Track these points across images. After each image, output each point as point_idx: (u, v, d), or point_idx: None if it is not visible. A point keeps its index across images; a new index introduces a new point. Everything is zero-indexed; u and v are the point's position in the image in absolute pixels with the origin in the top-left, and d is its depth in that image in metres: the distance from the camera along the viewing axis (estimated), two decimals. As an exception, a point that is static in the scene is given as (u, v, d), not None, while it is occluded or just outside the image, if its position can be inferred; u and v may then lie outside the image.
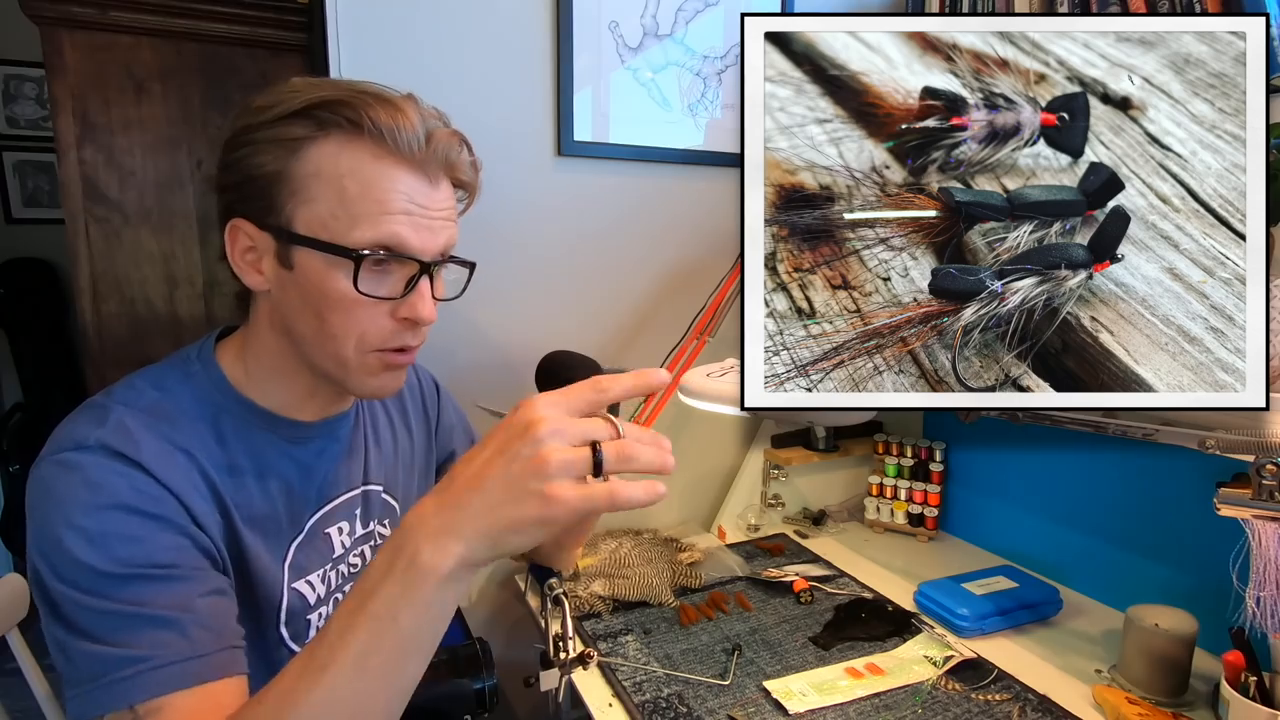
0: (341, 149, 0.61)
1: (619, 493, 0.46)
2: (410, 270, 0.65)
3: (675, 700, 0.93)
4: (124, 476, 0.59)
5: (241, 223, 0.64)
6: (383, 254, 0.62)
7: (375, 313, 0.65)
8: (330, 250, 0.61)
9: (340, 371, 0.67)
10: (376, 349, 0.66)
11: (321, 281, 0.63)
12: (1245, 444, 0.75)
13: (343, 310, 0.63)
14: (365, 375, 0.67)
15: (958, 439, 1.46)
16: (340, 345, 0.65)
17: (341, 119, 0.61)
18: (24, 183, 2.89)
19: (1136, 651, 0.95)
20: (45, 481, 0.59)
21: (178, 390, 0.67)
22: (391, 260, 0.63)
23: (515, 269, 1.27)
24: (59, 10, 1.35)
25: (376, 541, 0.83)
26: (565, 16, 1.20)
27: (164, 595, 0.58)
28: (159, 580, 0.58)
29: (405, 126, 0.62)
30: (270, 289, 0.66)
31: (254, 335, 0.70)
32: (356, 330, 0.64)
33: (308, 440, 0.74)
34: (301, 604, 0.73)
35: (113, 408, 0.63)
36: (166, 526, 0.60)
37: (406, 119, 0.62)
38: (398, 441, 0.88)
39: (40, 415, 2.74)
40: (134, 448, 0.60)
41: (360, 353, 0.66)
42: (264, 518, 0.69)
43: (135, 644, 0.56)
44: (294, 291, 0.65)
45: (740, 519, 1.49)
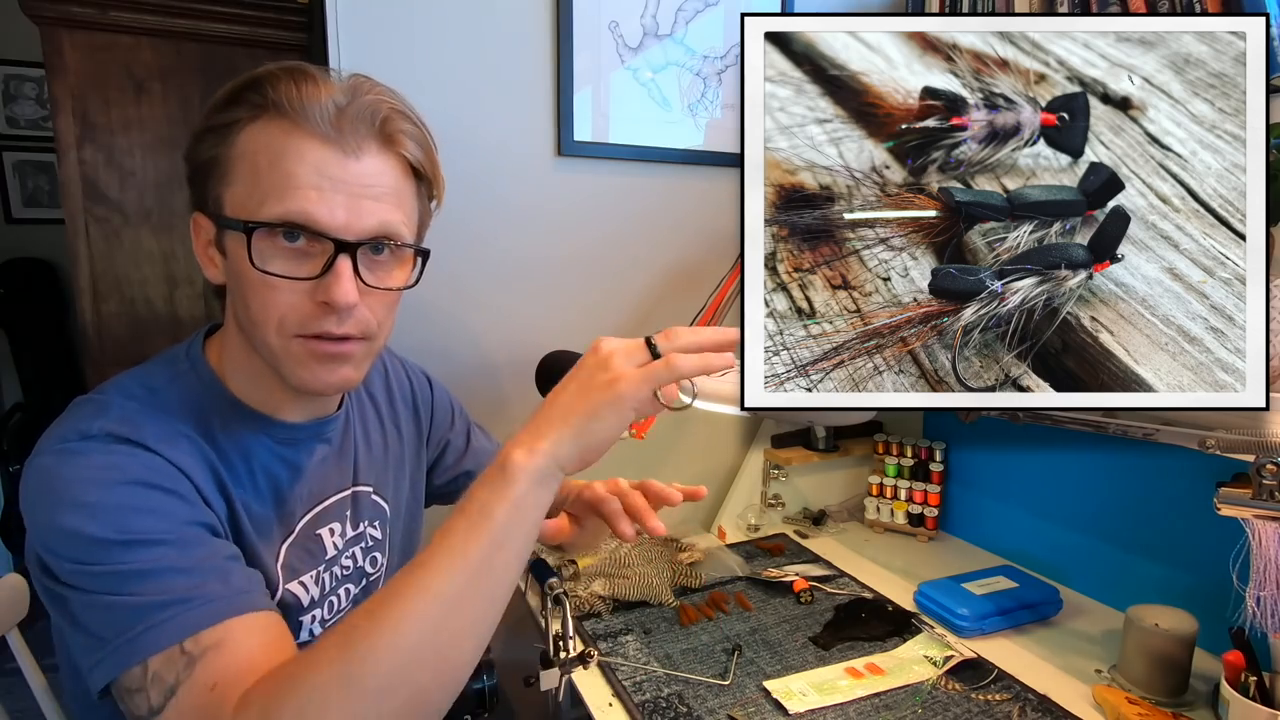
0: (261, 128, 0.61)
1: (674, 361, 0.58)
2: (324, 249, 0.61)
3: (675, 700, 0.93)
4: (134, 456, 0.58)
5: (198, 215, 0.65)
6: (282, 228, 0.59)
7: (290, 295, 0.61)
8: (234, 226, 0.60)
9: (272, 360, 0.64)
10: (297, 334, 0.63)
11: (240, 262, 0.61)
12: (1245, 444, 0.75)
13: (258, 293, 0.61)
14: (294, 365, 0.64)
15: (958, 439, 1.46)
16: (263, 330, 0.62)
17: (260, 98, 0.60)
18: (24, 183, 2.89)
19: (1136, 651, 0.95)
20: (47, 470, 0.58)
21: (167, 390, 0.66)
22: (310, 239, 0.60)
23: (515, 269, 1.27)
24: (59, 10, 1.35)
25: (368, 543, 0.82)
26: (565, 16, 1.20)
27: (189, 553, 0.56)
28: (180, 544, 0.56)
29: (312, 97, 0.60)
30: (225, 280, 0.66)
31: (226, 330, 0.70)
32: (275, 314, 0.62)
33: (296, 441, 0.73)
34: (295, 605, 0.72)
35: (111, 401, 0.63)
36: (181, 500, 0.59)
37: (315, 91, 0.60)
38: (388, 442, 0.87)
39: (40, 415, 2.74)
40: (139, 432, 0.59)
41: (282, 338, 0.62)
42: (259, 517, 0.69)
43: (171, 589, 0.54)
44: (230, 278, 0.64)
45: (740, 519, 1.49)
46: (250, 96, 0.61)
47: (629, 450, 1.12)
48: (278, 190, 0.59)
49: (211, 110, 0.63)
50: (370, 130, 0.62)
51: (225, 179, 0.62)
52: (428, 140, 0.68)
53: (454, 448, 1.00)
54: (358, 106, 0.61)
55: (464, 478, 1.02)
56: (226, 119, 0.62)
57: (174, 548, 0.56)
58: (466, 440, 1.02)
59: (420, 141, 0.66)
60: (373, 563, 0.83)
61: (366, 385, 0.87)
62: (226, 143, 0.61)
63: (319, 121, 0.60)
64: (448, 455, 0.99)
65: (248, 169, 0.61)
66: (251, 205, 0.60)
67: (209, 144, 0.62)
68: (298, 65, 0.63)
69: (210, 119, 0.63)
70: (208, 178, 0.63)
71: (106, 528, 0.55)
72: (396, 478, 0.88)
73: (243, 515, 0.66)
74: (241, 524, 0.66)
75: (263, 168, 0.60)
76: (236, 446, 0.68)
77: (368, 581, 0.83)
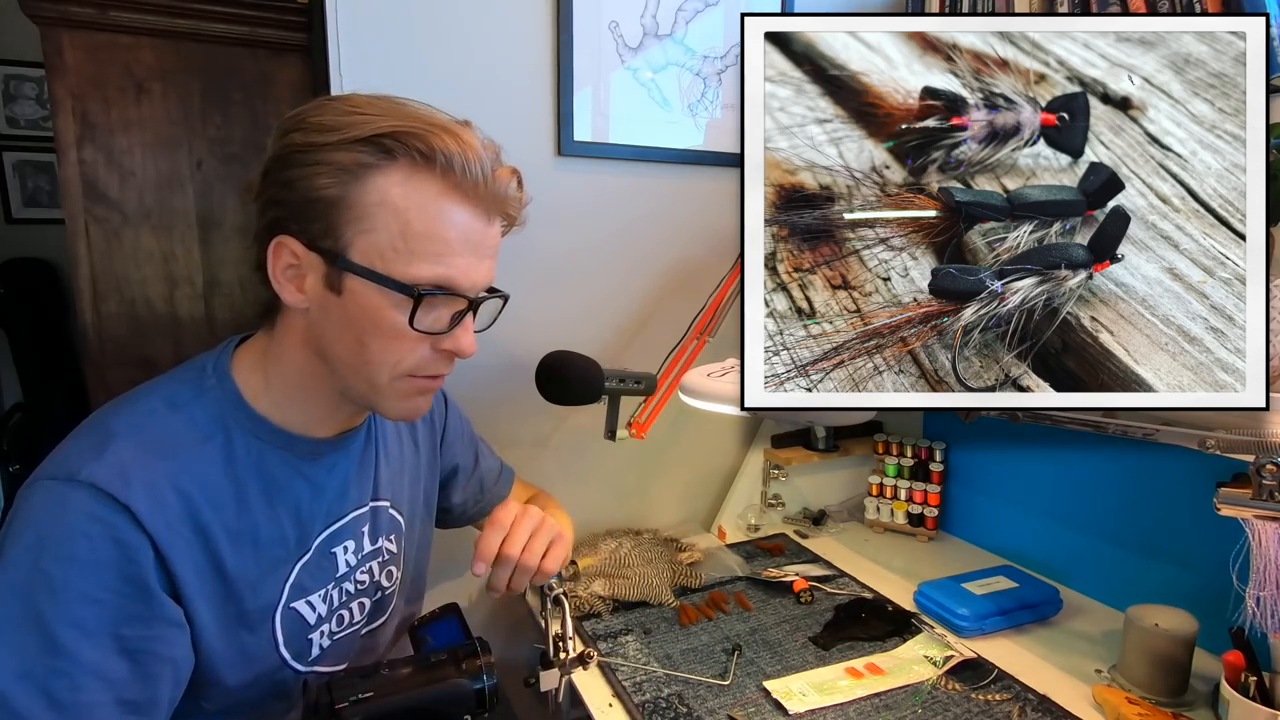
0: (407, 179, 0.61)
1: None
2: (457, 305, 0.65)
3: (675, 700, 0.93)
4: (105, 525, 0.58)
5: (289, 240, 0.63)
6: (439, 293, 0.63)
7: (419, 345, 0.65)
8: (389, 284, 0.61)
9: (371, 395, 0.67)
10: (410, 374, 0.66)
11: (374, 311, 0.62)
12: (1245, 444, 0.75)
13: (389, 340, 0.64)
14: (397, 399, 0.67)
15: (958, 439, 1.46)
16: (376, 371, 0.65)
17: (410, 149, 0.60)
18: (24, 183, 2.89)
19: (1136, 651, 0.95)
20: (31, 505, 0.58)
21: (191, 408, 0.66)
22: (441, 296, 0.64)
23: (515, 269, 1.26)
24: (59, 10, 1.35)
25: (384, 558, 0.82)
26: (565, 16, 1.20)
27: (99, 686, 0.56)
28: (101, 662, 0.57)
29: (473, 159, 0.62)
30: (309, 308, 0.65)
31: (280, 349, 0.69)
32: (395, 358, 0.65)
33: (320, 456, 0.73)
34: (300, 624, 0.72)
35: (116, 434, 0.62)
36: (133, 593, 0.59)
37: (474, 152, 0.62)
38: (404, 452, 0.87)
39: (40, 415, 2.74)
40: (123, 488, 0.59)
41: (394, 379, 0.66)
42: (268, 540, 0.68)
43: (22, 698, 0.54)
44: (338, 314, 0.64)
45: (740, 519, 1.49)
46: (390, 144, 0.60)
47: (629, 450, 1.13)
48: (433, 255, 0.62)
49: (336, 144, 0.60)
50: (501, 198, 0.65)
51: (358, 223, 0.61)
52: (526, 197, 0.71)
53: (464, 469, 1.00)
54: (500, 174, 0.64)
55: (471, 500, 1.02)
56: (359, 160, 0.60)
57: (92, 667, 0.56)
58: (475, 460, 1.02)
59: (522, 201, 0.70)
60: (388, 576, 0.83)
61: None
62: (357, 184, 0.60)
63: (475, 185, 0.62)
64: (459, 475, 0.99)
65: (394, 222, 0.61)
66: (396, 260, 0.61)
67: (329, 180, 0.60)
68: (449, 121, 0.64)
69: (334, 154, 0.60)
70: (326, 213, 0.61)
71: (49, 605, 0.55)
72: (412, 490, 0.88)
73: (235, 554, 0.66)
74: (225, 566, 0.65)
75: (415, 226, 0.61)
76: (256, 467, 0.67)
77: (382, 595, 0.83)
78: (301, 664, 0.72)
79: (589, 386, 1.02)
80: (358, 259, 0.61)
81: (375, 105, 0.63)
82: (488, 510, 1.04)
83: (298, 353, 0.68)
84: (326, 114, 0.62)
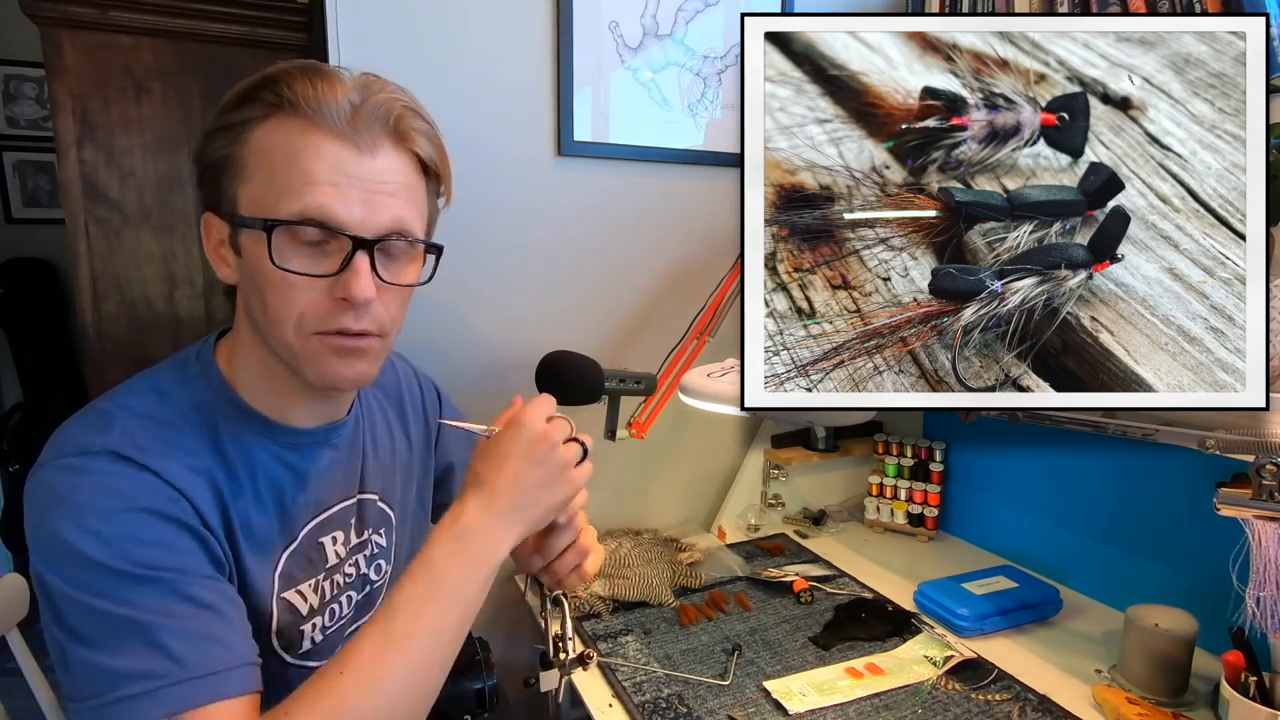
0: (276, 126, 0.61)
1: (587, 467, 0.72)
2: (342, 246, 0.61)
3: (675, 700, 0.93)
4: (136, 480, 0.58)
5: (209, 215, 0.65)
6: (302, 225, 0.60)
7: (310, 293, 0.61)
8: (255, 225, 0.60)
9: (291, 358, 0.65)
10: (316, 331, 0.63)
11: (258, 261, 0.61)
12: (1245, 444, 0.75)
13: (278, 290, 0.61)
14: (313, 362, 0.64)
15: (958, 439, 1.46)
16: (282, 329, 0.63)
17: (274, 96, 0.60)
18: (24, 183, 2.89)
19: (1136, 651, 0.95)
20: (50, 486, 0.57)
21: (177, 395, 0.66)
22: (325, 235, 0.61)
23: (515, 269, 1.27)
24: (59, 10, 1.35)
25: (372, 551, 0.82)
26: (565, 16, 1.20)
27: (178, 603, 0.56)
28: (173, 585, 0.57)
29: (328, 96, 0.60)
30: (238, 280, 0.66)
31: (238, 332, 0.70)
32: (294, 311, 0.62)
33: (304, 447, 0.73)
34: (292, 615, 0.71)
35: (117, 413, 0.62)
36: (181, 529, 0.59)
37: (330, 89, 0.61)
38: (395, 449, 0.87)
39: (40, 415, 2.74)
40: (140, 452, 0.59)
41: (301, 336, 0.63)
42: (257, 526, 0.68)
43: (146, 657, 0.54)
44: (245, 277, 0.64)
45: (740, 519, 1.49)
46: (263, 95, 0.61)
47: (630, 450, 1.13)
48: (295, 187, 0.59)
49: (223, 109, 0.63)
50: (385, 128, 0.63)
51: (239, 177, 0.62)
52: (439, 138, 0.68)
53: (460, 466, 1.00)
54: (372, 104, 0.62)
55: None
56: (239, 118, 0.61)
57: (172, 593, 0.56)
58: None
59: (432, 139, 0.67)
60: (377, 570, 0.83)
61: (378, 387, 0.87)
62: (239, 141, 0.61)
63: (335, 120, 0.60)
64: (455, 472, 0.99)
65: (263, 167, 0.61)
66: (268, 203, 0.60)
67: (220, 143, 0.62)
68: (312, 64, 0.63)
69: (221, 118, 0.62)
70: (220, 177, 0.62)
71: (114, 556, 0.55)
72: (404, 485, 0.88)
73: (239, 529, 0.66)
74: (237, 538, 0.66)
75: (279, 165, 0.60)
76: (242, 454, 0.67)
77: (371, 589, 0.83)
78: (291, 655, 0.72)
79: (589, 386, 1.01)
80: (242, 211, 0.62)
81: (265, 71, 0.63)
82: None
83: (246, 332, 0.68)
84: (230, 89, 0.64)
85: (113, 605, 0.54)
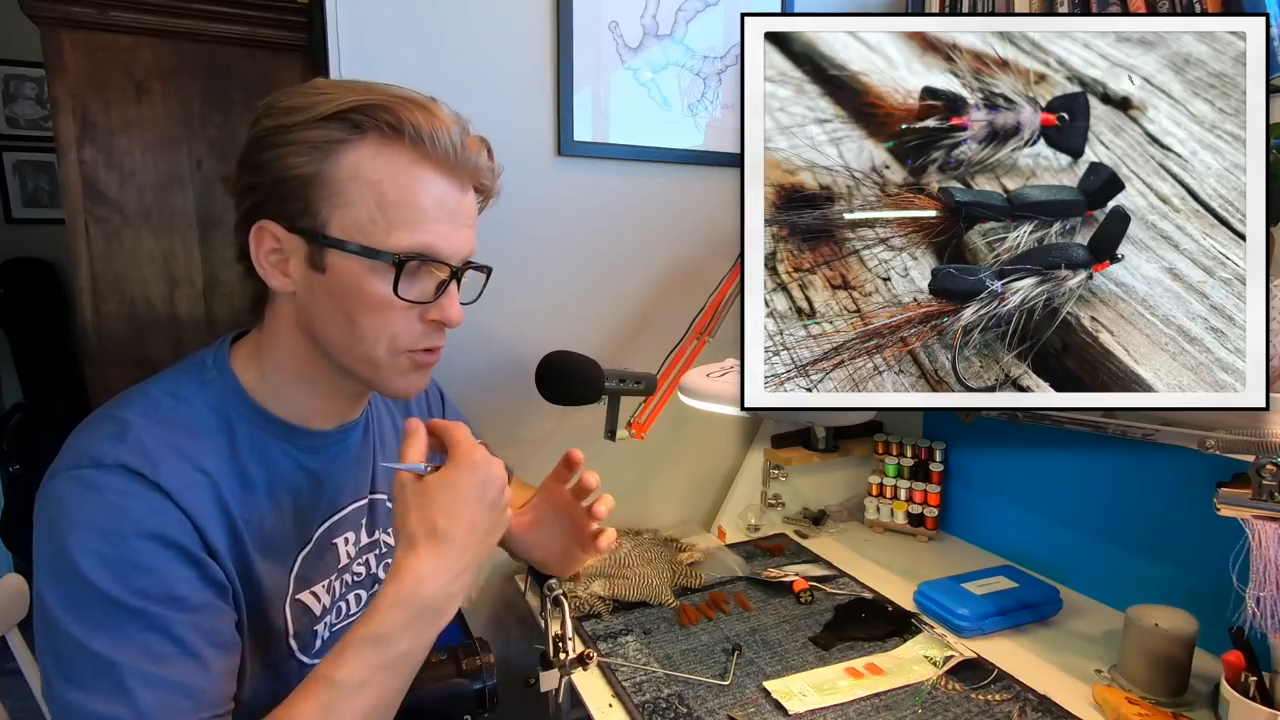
0: (379, 152, 0.62)
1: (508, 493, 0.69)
2: (440, 274, 0.66)
3: (675, 700, 0.93)
4: (143, 500, 0.58)
5: (269, 224, 0.63)
6: (420, 259, 0.63)
7: (408, 316, 0.65)
8: (370, 255, 0.62)
9: (371, 372, 0.67)
10: (407, 350, 0.67)
11: (358, 284, 0.63)
12: (1245, 444, 0.75)
13: (377, 313, 0.64)
14: (396, 375, 0.68)
15: (958, 439, 1.46)
16: (372, 347, 0.65)
17: (379, 122, 0.61)
18: (24, 183, 2.89)
19: (1136, 651, 0.95)
20: (61, 499, 0.58)
21: (194, 399, 0.66)
22: (424, 264, 0.64)
23: (515, 269, 1.26)
24: (59, 10, 1.35)
25: (382, 550, 0.83)
26: (565, 16, 1.20)
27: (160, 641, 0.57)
28: (161, 621, 0.57)
29: (441, 130, 0.63)
30: (296, 291, 0.65)
31: (273, 339, 0.69)
32: (389, 332, 0.65)
33: (320, 449, 0.73)
34: (307, 616, 0.72)
35: (131, 421, 0.61)
36: (182, 556, 0.59)
37: (442, 123, 0.63)
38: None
39: (40, 415, 2.74)
40: (152, 467, 0.59)
41: (392, 354, 0.66)
42: (273, 531, 0.68)
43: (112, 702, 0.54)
44: (324, 294, 0.64)
45: (740, 519, 1.49)
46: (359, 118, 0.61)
47: (629, 450, 1.13)
48: (410, 222, 0.62)
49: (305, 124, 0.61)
50: (473, 167, 0.66)
51: (333, 198, 0.61)
52: (498, 167, 0.72)
53: None
54: (469, 143, 0.65)
55: None
56: (326, 136, 0.61)
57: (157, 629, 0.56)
58: None
59: (495, 171, 0.71)
60: (386, 569, 0.83)
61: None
62: (330, 160, 0.61)
63: (446, 155, 0.63)
64: None
65: (369, 194, 0.61)
66: (375, 232, 0.62)
67: (302, 158, 0.61)
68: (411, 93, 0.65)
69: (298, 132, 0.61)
70: (301, 192, 0.62)
71: (112, 581, 0.55)
72: None
73: (251, 546, 0.66)
74: (249, 556, 0.66)
75: (390, 196, 0.62)
76: (260, 459, 0.68)
77: (380, 588, 0.83)
78: (307, 656, 0.73)
79: (589, 386, 1.02)
80: (337, 234, 0.62)
81: (342, 86, 0.64)
82: None
83: (291, 340, 0.68)
84: (295, 97, 0.63)
85: (96, 638, 0.55)
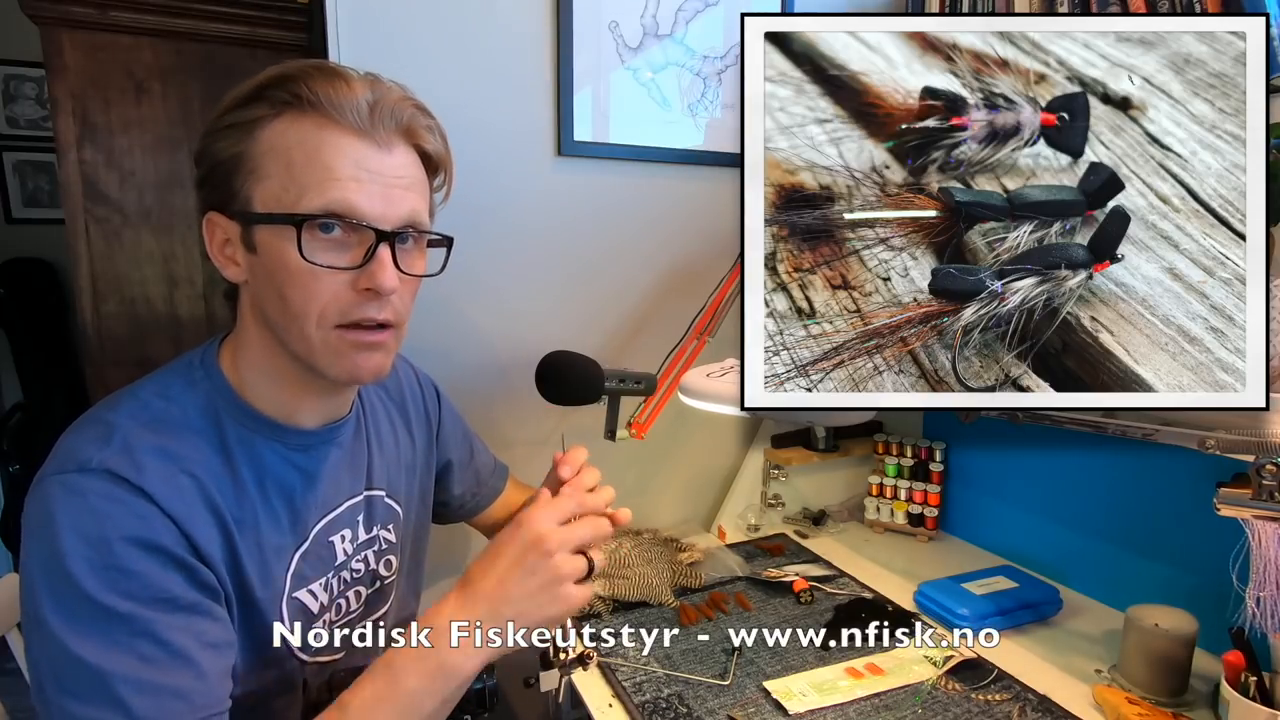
0: (291, 124, 0.61)
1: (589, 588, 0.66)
2: (365, 239, 0.63)
3: (675, 700, 0.93)
4: (128, 505, 0.58)
5: (214, 215, 0.65)
6: (330, 219, 0.61)
7: (334, 285, 0.63)
8: (279, 220, 0.61)
9: (309, 354, 0.65)
10: (338, 324, 0.64)
11: (279, 256, 0.62)
12: (1245, 444, 0.75)
13: (300, 284, 0.62)
14: (334, 356, 0.65)
15: (958, 439, 1.46)
16: (303, 323, 0.63)
17: (288, 95, 0.61)
18: (24, 183, 2.89)
19: (1136, 651, 0.95)
20: (47, 503, 0.58)
21: (183, 399, 0.66)
22: (347, 229, 0.62)
23: (515, 269, 1.27)
24: (59, 10, 1.35)
25: (381, 547, 0.82)
26: (565, 16, 1.20)
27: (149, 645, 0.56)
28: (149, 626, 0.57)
29: (345, 94, 0.62)
30: (247, 279, 0.66)
31: (242, 332, 0.70)
32: (317, 305, 0.63)
33: (310, 448, 0.73)
34: (305, 613, 0.72)
35: (118, 424, 0.62)
36: (169, 560, 0.59)
37: (348, 87, 0.62)
38: (399, 444, 0.87)
39: (40, 415, 2.74)
40: (137, 472, 0.59)
41: (323, 330, 0.64)
42: (267, 530, 0.68)
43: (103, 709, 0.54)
44: (262, 275, 0.64)
45: (740, 519, 1.49)
46: (275, 93, 0.61)
47: (629, 450, 1.12)
48: (318, 183, 0.61)
49: (227, 108, 0.63)
50: (398, 125, 0.65)
51: (253, 175, 0.62)
52: (444, 134, 0.70)
53: (459, 462, 1.00)
54: (386, 102, 0.63)
55: (468, 493, 1.03)
56: (247, 116, 0.62)
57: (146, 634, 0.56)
58: (470, 454, 1.03)
59: (439, 135, 0.69)
60: (387, 566, 0.83)
61: (381, 387, 0.88)
62: (251, 139, 0.62)
63: (354, 117, 0.62)
64: (454, 469, 1.00)
65: (280, 164, 0.61)
66: (289, 199, 0.61)
67: (229, 141, 0.62)
68: (323, 63, 0.65)
69: (227, 117, 0.63)
70: (230, 175, 0.63)
71: (100, 586, 0.55)
72: (408, 481, 0.88)
73: (242, 547, 0.66)
74: (240, 557, 0.65)
75: (299, 162, 0.61)
76: (250, 457, 0.67)
77: (382, 585, 0.83)
78: (306, 655, 0.73)
79: (589, 386, 1.01)
80: (259, 209, 0.62)
81: (275, 66, 0.64)
82: (485, 504, 1.05)
83: (255, 332, 0.68)
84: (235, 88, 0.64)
85: (87, 645, 0.55)
